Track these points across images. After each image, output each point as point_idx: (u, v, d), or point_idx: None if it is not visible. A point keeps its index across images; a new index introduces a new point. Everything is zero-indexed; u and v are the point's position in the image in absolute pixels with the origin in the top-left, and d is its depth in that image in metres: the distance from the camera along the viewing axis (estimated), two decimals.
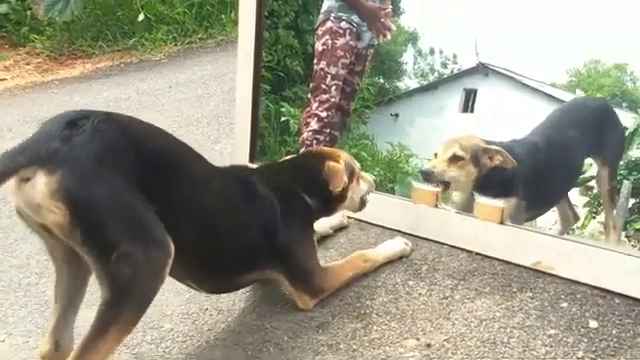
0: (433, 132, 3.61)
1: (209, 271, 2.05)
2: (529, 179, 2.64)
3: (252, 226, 2.08)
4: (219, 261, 2.04)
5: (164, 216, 1.73)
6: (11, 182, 1.59)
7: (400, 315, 2.13)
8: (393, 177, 3.67)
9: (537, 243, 2.29)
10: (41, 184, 1.56)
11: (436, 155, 2.62)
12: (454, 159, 2.57)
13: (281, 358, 1.98)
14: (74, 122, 1.65)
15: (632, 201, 2.81)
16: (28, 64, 6.33)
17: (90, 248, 1.63)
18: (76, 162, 1.59)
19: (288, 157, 2.50)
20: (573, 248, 2.22)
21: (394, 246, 2.46)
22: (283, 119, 3.65)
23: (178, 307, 2.30)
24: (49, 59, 6.36)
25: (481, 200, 2.43)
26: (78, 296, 1.87)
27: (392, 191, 3.45)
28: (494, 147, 2.57)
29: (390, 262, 2.42)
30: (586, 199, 2.94)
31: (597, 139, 2.76)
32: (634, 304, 2.07)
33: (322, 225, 2.53)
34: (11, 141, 4.11)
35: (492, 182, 2.56)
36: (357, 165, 2.39)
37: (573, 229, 2.98)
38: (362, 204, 2.43)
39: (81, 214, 1.59)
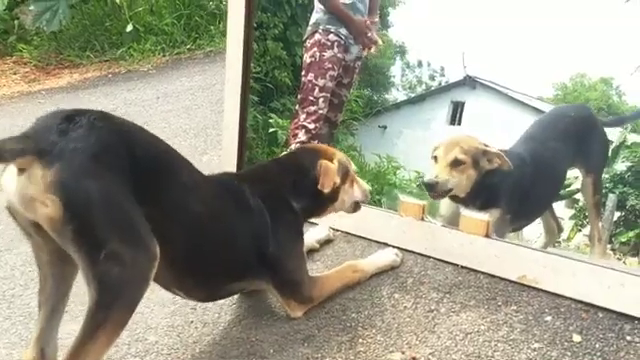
0: (421, 144, 3.63)
1: (197, 279, 2.04)
2: (514, 191, 2.65)
3: (242, 236, 2.08)
4: (207, 270, 2.04)
5: (153, 219, 1.74)
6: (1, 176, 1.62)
7: (386, 328, 2.14)
8: (380, 189, 3.69)
9: (522, 257, 2.30)
10: (37, 176, 1.57)
11: (436, 159, 2.58)
12: (455, 163, 2.53)
13: None
14: (71, 117, 1.66)
15: (617, 214, 2.83)
16: (15, 73, 6.29)
17: (80, 246, 1.62)
18: (73, 156, 1.60)
19: (282, 154, 2.47)
20: (557, 262, 2.24)
21: (385, 257, 2.46)
22: (271, 130, 3.66)
23: (163, 319, 2.29)
24: (36, 69, 6.32)
25: (466, 213, 2.44)
26: (61, 302, 1.87)
27: (379, 203, 3.46)
28: (493, 149, 2.56)
29: (377, 274, 2.42)
30: (572, 212, 2.96)
31: (579, 148, 2.77)
32: (617, 318, 2.09)
33: (308, 239, 2.52)
34: None
35: (478, 193, 2.56)
36: (353, 167, 2.37)
37: (559, 241, 3.00)
38: (356, 207, 2.41)
39: (74, 209, 1.59)
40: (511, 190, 2.63)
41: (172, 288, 2.05)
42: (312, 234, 2.60)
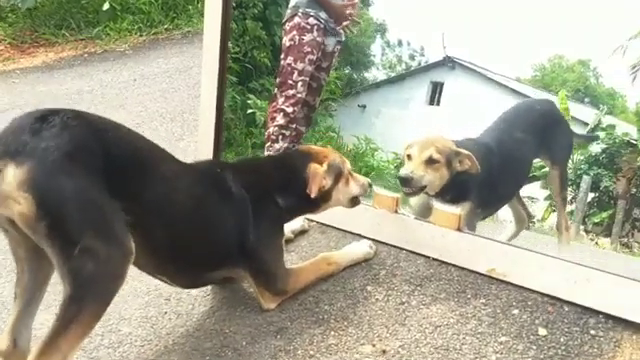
0: (399, 124, 3.66)
1: (179, 267, 2.08)
2: (483, 183, 2.68)
3: (223, 224, 2.11)
4: (189, 257, 2.07)
5: (133, 213, 1.77)
6: None
7: (357, 321, 2.18)
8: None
9: (492, 250, 2.35)
10: (10, 175, 1.60)
11: (409, 157, 2.60)
12: (430, 162, 2.56)
13: None
14: (44, 117, 1.69)
15: (591, 195, 2.89)
16: None
17: (53, 241, 1.65)
18: (44, 155, 1.62)
19: (276, 154, 2.49)
20: (526, 256, 2.29)
21: (358, 249, 2.49)
22: (249, 111, 3.66)
23: (137, 310, 2.31)
24: (11, 47, 6.21)
25: (439, 207, 2.48)
26: (38, 295, 1.89)
27: None
28: (465, 151, 2.59)
29: (351, 266, 2.45)
30: (547, 192, 3.00)
31: (545, 141, 2.82)
32: (582, 312, 2.14)
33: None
34: None
35: (449, 189, 2.60)
36: (347, 166, 2.38)
37: (534, 222, 3.05)
38: (354, 203, 2.43)
39: (47, 206, 1.61)
40: (480, 183, 2.66)
41: (156, 274, 2.09)
42: (287, 224, 2.62)
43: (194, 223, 2.04)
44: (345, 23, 3.38)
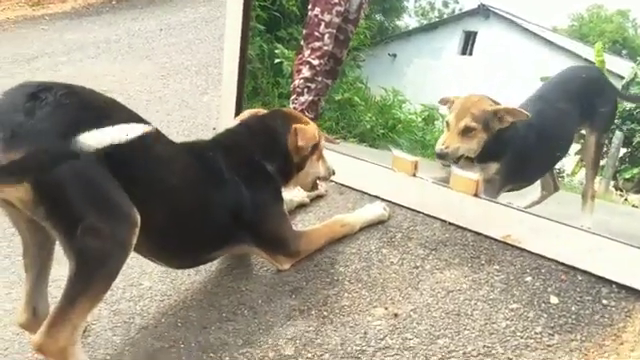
0: (430, 74, 3.62)
1: (175, 250, 2.08)
2: (515, 150, 2.64)
3: (218, 206, 2.10)
4: (185, 240, 2.06)
5: (128, 193, 1.75)
6: None
7: (371, 283, 2.22)
8: (385, 123, 3.71)
9: (508, 217, 2.36)
10: (4, 159, 1.55)
11: (447, 125, 2.57)
12: (466, 131, 2.53)
13: (254, 321, 2.07)
14: (36, 95, 1.65)
15: (623, 151, 2.85)
16: None
17: (55, 223, 1.66)
18: (39, 138, 1.59)
19: (253, 115, 2.41)
20: (541, 224, 2.29)
21: (372, 211, 2.51)
22: (277, 61, 3.65)
23: (157, 265, 2.37)
24: None
25: (457, 172, 2.48)
26: (47, 264, 1.90)
27: (383, 137, 3.50)
28: (502, 107, 2.54)
29: (366, 227, 2.48)
30: (578, 146, 2.96)
31: (588, 110, 2.74)
32: (595, 282, 2.15)
33: (299, 194, 2.58)
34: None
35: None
36: (322, 142, 2.37)
37: (563, 176, 3.02)
38: (314, 186, 2.44)
39: (45, 191, 1.61)
40: (513, 148, 2.62)
41: (151, 257, 2.09)
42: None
43: (189, 206, 2.02)
44: None
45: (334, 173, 2.44)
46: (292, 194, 2.52)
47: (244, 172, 2.16)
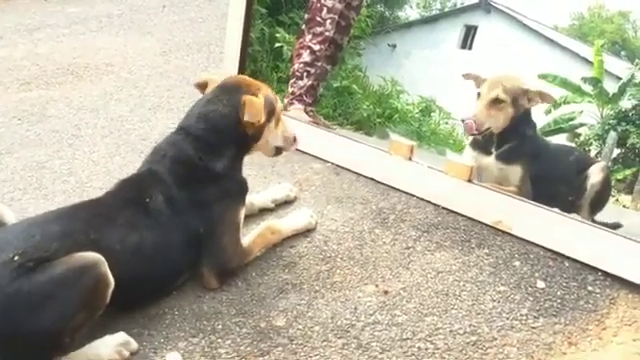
0: (428, 66, 3.65)
1: (142, 297, 2.03)
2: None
3: (170, 245, 2.03)
4: (150, 290, 2.03)
5: None
6: None
7: (363, 261, 2.26)
8: (382, 112, 3.74)
9: (500, 203, 2.41)
10: None
11: (479, 95, 2.61)
12: (495, 102, 2.58)
13: (247, 293, 2.11)
14: None
15: (617, 151, 2.89)
16: None
17: None
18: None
19: (204, 97, 2.22)
20: (532, 211, 2.34)
21: (300, 219, 2.41)
22: (277, 45, 3.66)
23: None
24: None
25: (452, 158, 2.52)
26: None
27: (380, 125, 3.54)
28: (534, 88, 2.59)
29: (356, 210, 2.52)
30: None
31: None
32: (582, 268, 2.22)
33: (264, 198, 2.52)
34: (2, 49, 4.13)
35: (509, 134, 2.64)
36: (279, 106, 2.26)
37: None
38: (277, 152, 2.31)
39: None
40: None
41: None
42: (270, 193, 2.58)
43: (143, 265, 1.95)
44: None
45: (295, 140, 2.32)
46: (254, 198, 2.46)
47: (191, 186, 2.08)
